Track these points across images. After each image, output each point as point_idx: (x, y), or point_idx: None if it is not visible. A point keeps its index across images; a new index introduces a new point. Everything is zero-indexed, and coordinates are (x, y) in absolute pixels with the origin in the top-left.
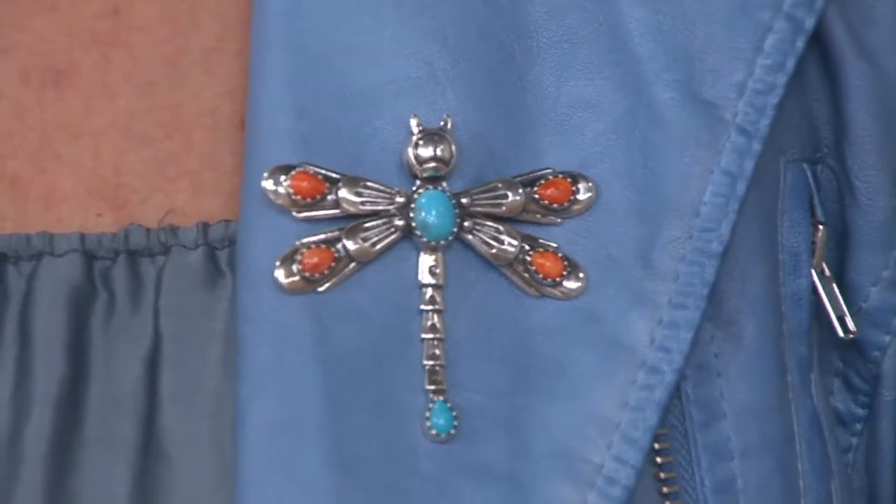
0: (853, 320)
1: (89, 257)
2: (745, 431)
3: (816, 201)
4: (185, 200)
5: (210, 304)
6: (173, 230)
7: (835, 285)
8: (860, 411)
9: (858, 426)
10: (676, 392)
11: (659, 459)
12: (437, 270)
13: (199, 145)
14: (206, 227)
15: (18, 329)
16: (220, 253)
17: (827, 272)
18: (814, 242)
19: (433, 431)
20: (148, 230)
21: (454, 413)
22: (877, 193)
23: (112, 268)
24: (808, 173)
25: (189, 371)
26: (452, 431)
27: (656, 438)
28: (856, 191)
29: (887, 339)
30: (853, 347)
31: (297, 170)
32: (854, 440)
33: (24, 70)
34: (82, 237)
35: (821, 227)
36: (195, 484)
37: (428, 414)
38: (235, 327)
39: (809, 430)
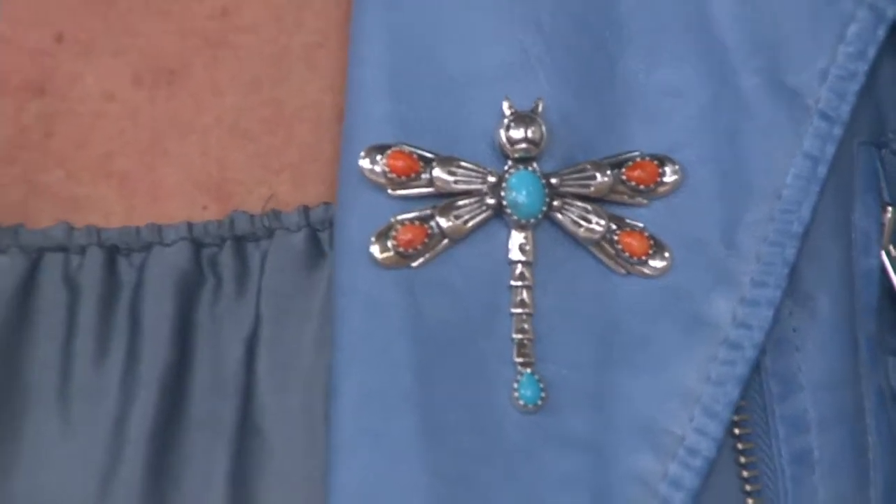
0: None
1: (197, 245)
2: (821, 404)
3: (883, 183)
4: (288, 190)
5: (310, 283)
6: (276, 214)
7: None
8: None
9: None
10: (756, 367)
11: (737, 431)
12: (527, 248)
13: (300, 138)
14: (307, 210)
15: (129, 317)
16: (321, 234)
17: (894, 252)
18: (882, 224)
19: (521, 402)
20: (252, 216)
21: (541, 385)
22: None
23: (219, 254)
24: (877, 156)
25: (285, 349)
26: (539, 402)
27: (735, 411)
28: None
29: None
30: None
31: (393, 149)
32: None
33: (136, 71)
34: (189, 226)
35: (889, 208)
36: (288, 458)
37: (516, 385)
38: (332, 301)
39: (878, 405)
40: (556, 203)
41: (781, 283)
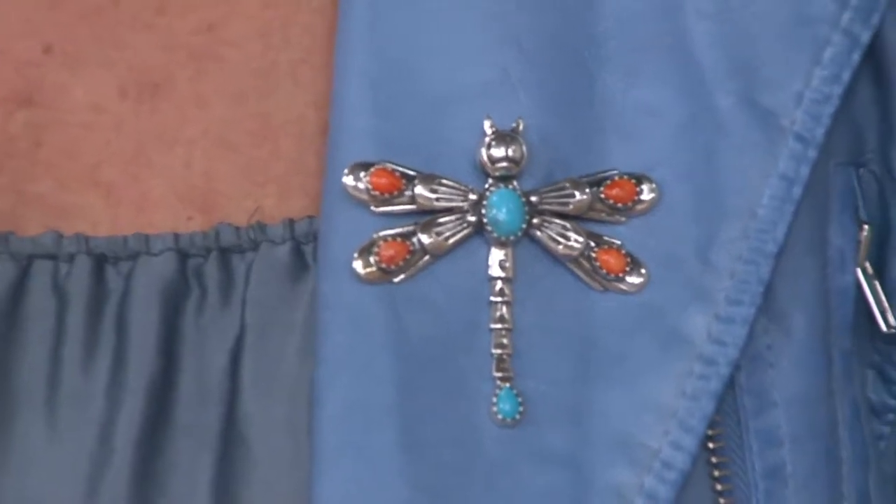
0: (894, 315)
1: (183, 255)
2: (794, 419)
3: (860, 202)
4: (273, 203)
5: (294, 295)
6: (261, 227)
7: (877, 282)
8: (893, 402)
9: (891, 416)
10: (730, 383)
11: (711, 445)
12: (507, 264)
13: (285, 152)
14: (292, 223)
15: (116, 324)
16: (305, 247)
17: (870, 269)
18: (858, 241)
19: (499, 416)
20: (237, 228)
21: (520, 399)
22: None
23: (204, 265)
24: (854, 176)
25: (269, 359)
26: (518, 417)
27: (710, 425)
28: None
29: None
30: (889, 341)
31: (376, 167)
32: (886, 429)
33: (122, 84)
34: (176, 237)
35: (865, 226)
36: (272, 467)
37: (495, 399)
38: (316, 315)
39: (851, 419)
40: (535, 220)
41: (756, 301)
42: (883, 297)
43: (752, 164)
